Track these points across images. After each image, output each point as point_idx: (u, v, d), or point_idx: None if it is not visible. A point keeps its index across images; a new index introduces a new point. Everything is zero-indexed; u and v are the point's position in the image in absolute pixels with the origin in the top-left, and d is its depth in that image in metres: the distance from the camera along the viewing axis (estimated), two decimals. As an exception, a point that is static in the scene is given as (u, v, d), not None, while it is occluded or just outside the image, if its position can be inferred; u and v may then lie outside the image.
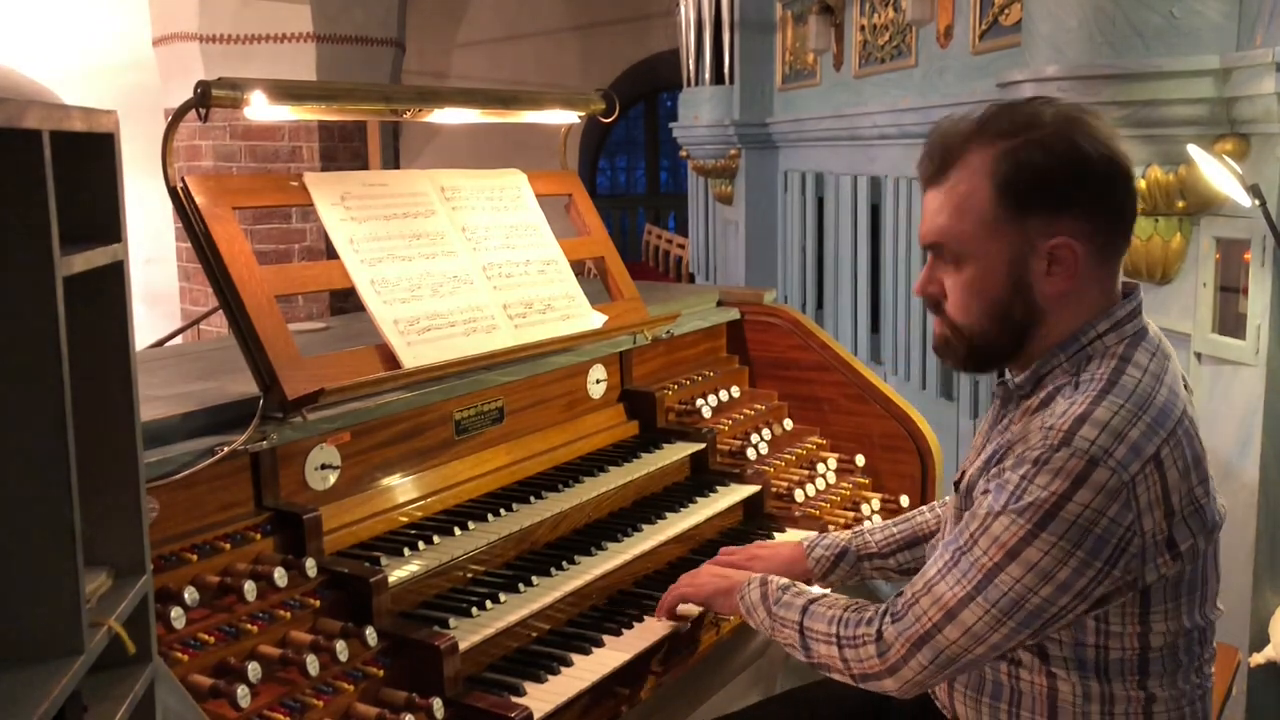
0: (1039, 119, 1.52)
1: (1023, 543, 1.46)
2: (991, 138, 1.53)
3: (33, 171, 0.99)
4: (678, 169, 15.30)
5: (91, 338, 1.17)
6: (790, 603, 1.77)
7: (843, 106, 5.98)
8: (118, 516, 1.22)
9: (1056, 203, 1.50)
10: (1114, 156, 1.52)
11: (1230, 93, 2.67)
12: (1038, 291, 1.54)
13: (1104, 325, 1.55)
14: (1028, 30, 3.15)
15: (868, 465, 2.89)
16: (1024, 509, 1.46)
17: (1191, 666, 1.59)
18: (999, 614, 1.49)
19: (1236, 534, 2.82)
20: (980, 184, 1.53)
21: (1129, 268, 3.09)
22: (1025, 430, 1.54)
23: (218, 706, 1.54)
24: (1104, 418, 1.45)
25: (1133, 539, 1.44)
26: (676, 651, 2.05)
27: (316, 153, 7.46)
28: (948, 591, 1.53)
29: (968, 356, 1.63)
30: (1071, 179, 1.50)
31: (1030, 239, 1.52)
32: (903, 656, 1.57)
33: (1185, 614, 1.54)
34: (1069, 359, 1.56)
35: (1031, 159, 1.50)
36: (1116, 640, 1.54)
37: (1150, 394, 1.49)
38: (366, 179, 2.27)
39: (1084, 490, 1.43)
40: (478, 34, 12.77)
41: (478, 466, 2.26)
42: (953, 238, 1.56)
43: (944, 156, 1.57)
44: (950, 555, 1.55)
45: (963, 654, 1.54)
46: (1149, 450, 1.44)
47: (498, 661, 1.90)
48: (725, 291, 3.13)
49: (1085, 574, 1.45)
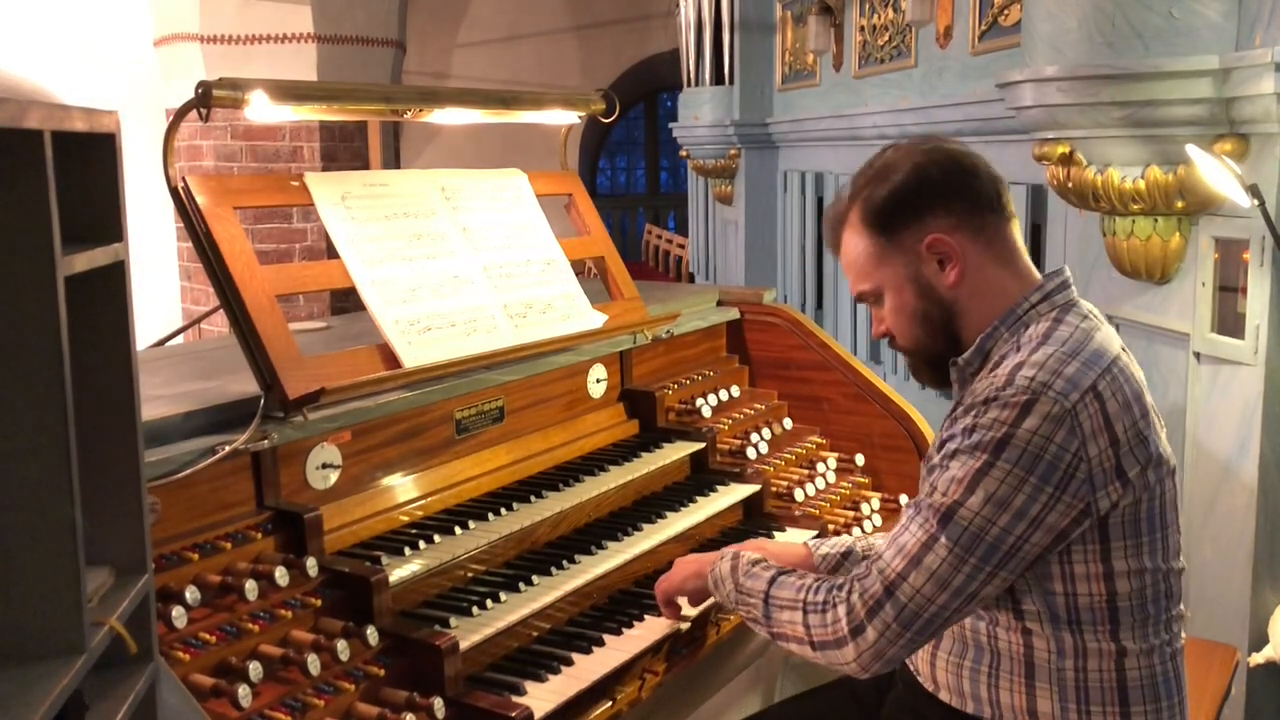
0: (884, 165, 1.76)
1: (979, 474, 1.56)
2: (852, 200, 1.78)
3: (34, 171, 0.99)
4: (678, 169, 15.30)
5: (93, 337, 1.18)
6: (759, 575, 1.80)
7: (842, 107, 5.98)
8: (119, 516, 1.22)
9: (914, 212, 1.72)
10: (946, 156, 1.73)
11: (1229, 93, 2.67)
12: (940, 288, 1.73)
13: (1036, 296, 1.71)
14: (1027, 31, 3.15)
15: (867, 464, 2.89)
16: (976, 445, 1.57)
17: (1160, 620, 1.65)
18: (961, 551, 1.55)
19: (1236, 534, 2.82)
20: (856, 235, 1.77)
21: (1128, 267, 3.09)
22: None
23: (219, 706, 1.54)
24: (1040, 360, 1.59)
25: (1080, 464, 1.54)
26: (677, 651, 2.05)
27: (317, 153, 7.47)
28: (910, 539, 1.59)
29: (930, 372, 1.82)
30: (916, 191, 1.72)
31: (911, 249, 1.72)
32: (865, 615, 1.59)
33: (1147, 554, 1.61)
34: (1008, 329, 1.71)
35: (878, 194, 1.74)
36: (1083, 584, 1.60)
37: (1083, 342, 1.63)
38: (367, 179, 2.27)
39: (1030, 418, 1.54)
40: (478, 34, 12.77)
41: (478, 466, 2.26)
42: (864, 282, 1.79)
43: (834, 230, 1.83)
44: (913, 509, 1.63)
45: (926, 604, 1.56)
46: (1085, 382, 1.57)
47: (498, 661, 1.90)
48: (725, 291, 3.13)
49: (1039, 499, 1.53)
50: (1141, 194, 2.92)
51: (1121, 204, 2.98)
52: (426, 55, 11.94)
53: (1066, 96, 2.90)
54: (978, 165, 1.74)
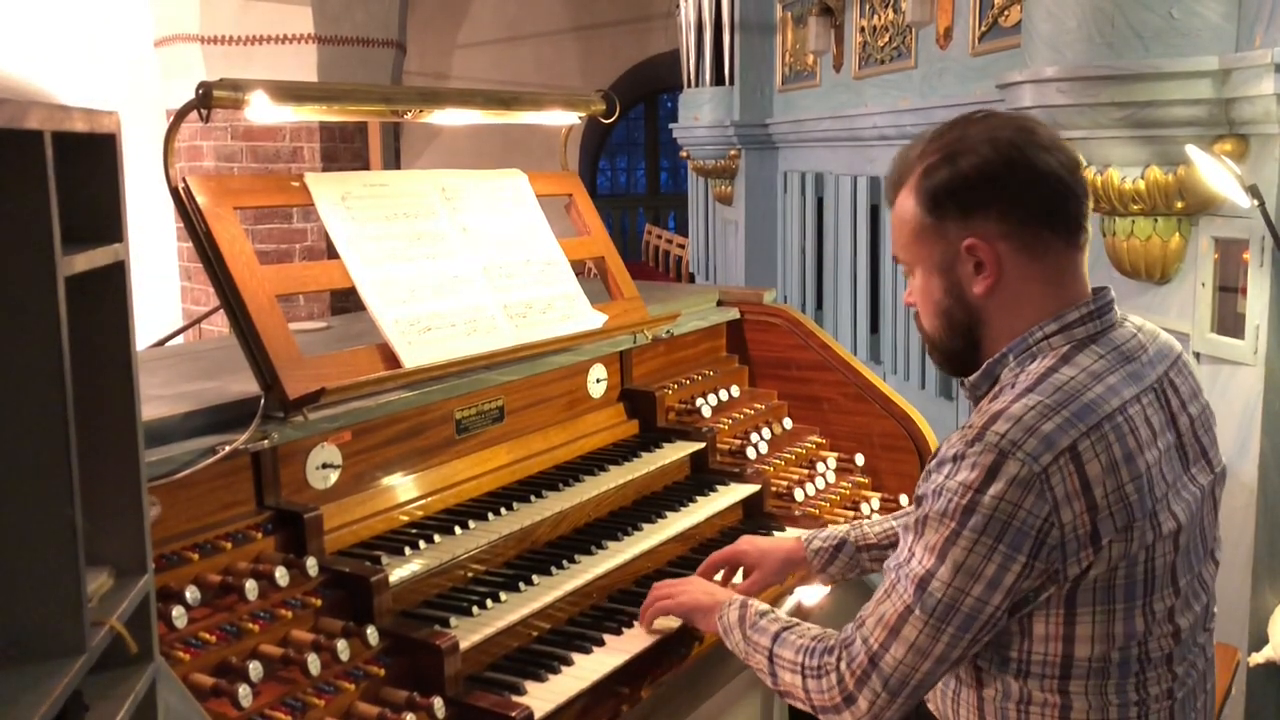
0: (965, 134, 1.61)
1: (948, 543, 1.48)
2: (923, 158, 1.64)
3: (34, 172, 1.00)
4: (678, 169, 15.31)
5: (93, 337, 1.18)
6: (765, 628, 1.77)
7: (842, 107, 5.98)
8: (119, 516, 1.22)
9: (965, 208, 1.59)
10: (1028, 158, 1.56)
11: (1229, 93, 2.67)
12: (969, 292, 1.62)
13: (1052, 327, 1.59)
14: (1027, 31, 3.15)
15: (867, 464, 2.90)
16: (943, 511, 1.49)
17: (1126, 682, 1.54)
18: (936, 622, 1.50)
19: (1235, 534, 2.82)
20: (909, 201, 1.65)
21: (1127, 267, 3.09)
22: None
23: (219, 705, 1.54)
24: (1018, 413, 1.48)
25: (1050, 530, 1.45)
26: (677, 651, 2.05)
27: (317, 153, 7.46)
28: (889, 609, 1.55)
29: (942, 360, 1.73)
30: (974, 185, 1.58)
31: (951, 243, 1.61)
32: (855, 685, 1.57)
33: (1120, 621, 1.51)
34: (1016, 358, 1.61)
35: (942, 170, 1.60)
36: (1040, 644, 1.53)
37: (1078, 391, 1.50)
38: (367, 179, 2.27)
39: (996, 483, 1.45)
40: (478, 35, 12.78)
41: (478, 466, 2.27)
42: (900, 250, 1.70)
43: (896, 181, 1.70)
44: (893, 575, 1.57)
45: (910, 673, 1.53)
46: (1063, 443, 1.45)
47: (499, 660, 1.90)
48: (725, 291, 3.13)
49: (1011, 569, 1.46)
50: (1141, 194, 2.92)
51: (1121, 204, 2.98)
52: (426, 56, 11.95)
53: (1066, 97, 2.90)
54: (1058, 176, 1.58)
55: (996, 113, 1.66)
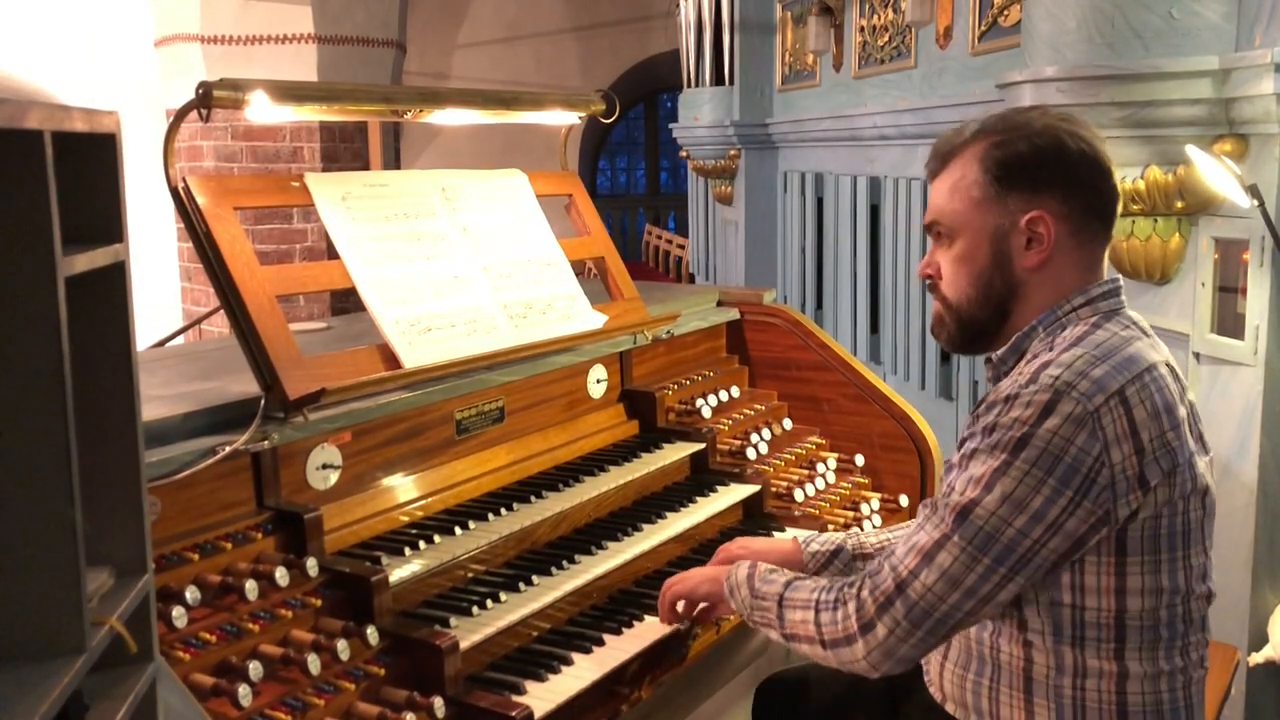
0: (1029, 122, 1.70)
1: (997, 474, 1.52)
2: (986, 135, 1.71)
3: (34, 172, 1.00)
4: (678, 169, 15.31)
5: (93, 338, 1.18)
6: (774, 580, 1.79)
7: (842, 107, 5.98)
8: (119, 516, 1.22)
9: (1034, 183, 1.66)
10: (1094, 153, 1.67)
11: (1229, 93, 2.67)
12: (1016, 265, 1.68)
13: (1079, 300, 1.67)
14: (1027, 31, 3.15)
15: (867, 465, 2.90)
16: (996, 444, 1.54)
17: (1174, 645, 1.59)
18: (975, 550, 1.53)
19: (1235, 534, 2.82)
20: (971, 169, 1.70)
21: (1127, 267, 3.09)
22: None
23: (219, 705, 1.54)
24: (1068, 360, 1.56)
25: (1101, 469, 1.50)
26: (677, 650, 2.05)
27: (318, 153, 7.46)
28: (924, 537, 1.57)
29: (956, 333, 1.76)
30: (1049, 164, 1.66)
31: (1011, 214, 1.67)
32: (876, 611, 1.57)
33: (1166, 573, 1.56)
34: (1045, 329, 1.68)
35: (1016, 147, 1.67)
36: (1093, 598, 1.56)
37: (1117, 347, 1.59)
38: (367, 179, 2.27)
39: (1051, 418, 1.51)
40: (478, 35, 12.77)
41: (478, 466, 2.27)
42: (946, 215, 1.73)
43: (946, 154, 1.74)
44: (929, 509, 1.60)
45: (937, 603, 1.54)
46: (1113, 386, 1.53)
47: (499, 660, 1.90)
48: (725, 292, 3.13)
49: (1057, 502, 1.50)
50: (1141, 194, 2.92)
51: (1121, 204, 2.98)
52: (427, 56, 11.95)
53: (1066, 97, 2.90)
54: (1112, 176, 1.70)
55: (1050, 109, 1.76)
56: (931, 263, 1.76)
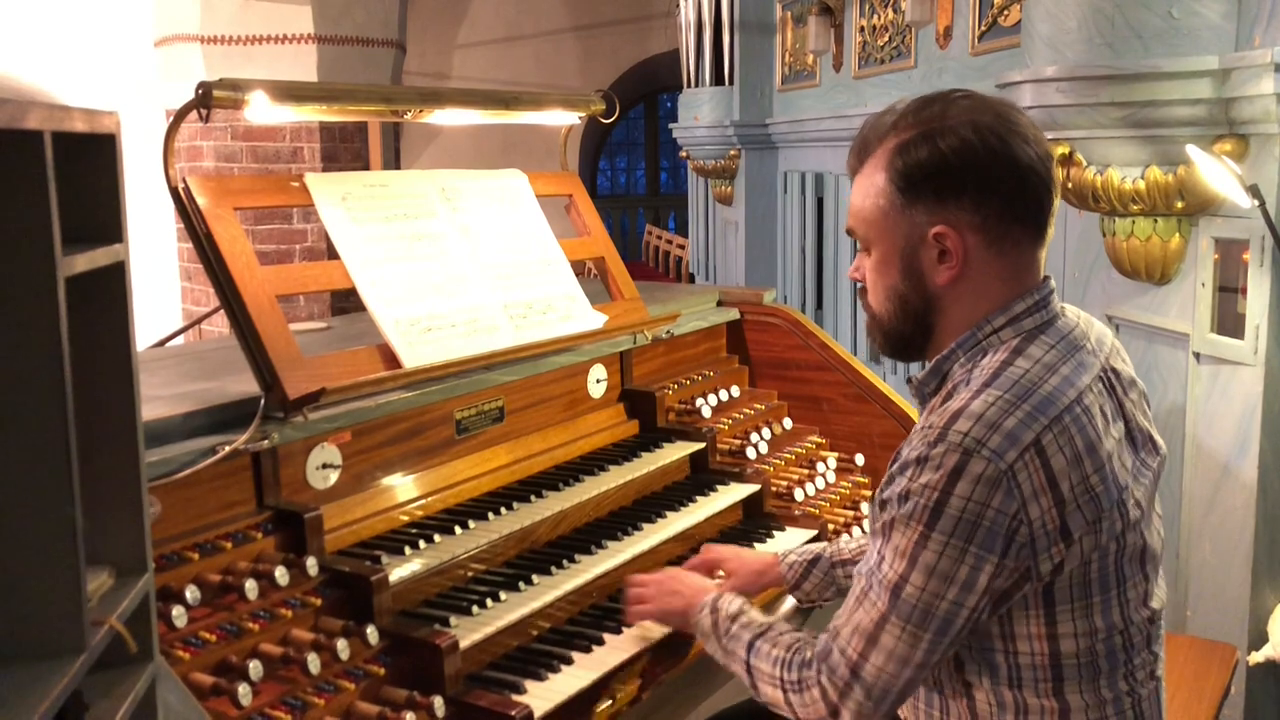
0: (945, 113, 1.54)
1: (918, 546, 1.45)
2: (898, 130, 1.57)
3: (34, 172, 1.00)
4: (678, 170, 15.31)
5: (93, 338, 1.18)
6: (738, 635, 1.74)
7: (842, 107, 5.98)
8: (119, 515, 1.22)
9: (939, 192, 1.52)
10: (1009, 150, 1.51)
11: (1229, 93, 2.67)
12: (929, 280, 1.56)
13: (1000, 320, 1.55)
14: (1027, 31, 3.15)
15: (867, 464, 2.90)
16: (910, 514, 1.46)
17: (1116, 673, 1.54)
18: (914, 628, 1.47)
19: (1235, 533, 2.83)
20: (879, 174, 1.57)
21: (1127, 268, 3.09)
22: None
23: (219, 705, 1.55)
24: (979, 410, 1.45)
25: (1020, 527, 1.42)
26: (677, 650, 2.05)
27: (317, 153, 7.47)
28: (864, 618, 1.52)
29: (884, 342, 1.67)
30: (954, 170, 1.51)
31: (918, 227, 1.54)
32: (838, 699, 1.54)
33: (1099, 614, 1.50)
34: (965, 354, 1.57)
35: (920, 150, 1.52)
36: (1024, 644, 1.51)
37: (1035, 384, 1.48)
38: (367, 179, 2.27)
39: (963, 483, 1.42)
40: (478, 35, 12.77)
41: (478, 466, 2.27)
42: (859, 223, 1.62)
43: (863, 149, 1.62)
44: (864, 581, 1.54)
45: (893, 681, 1.50)
46: (1026, 438, 1.42)
47: (499, 660, 1.90)
48: (725, 292, 3.13)
49: (984, 569, 1.43)
50: (1141, 194, 2.92)
51: (1121, 204, 2.98)
52: (427, 56, 11.95)
53: (1066, 97, 2.90)
54: (1036, 171, 1.52)
55: (977, 94, 1.59)
56: (859, 267, 1.66)
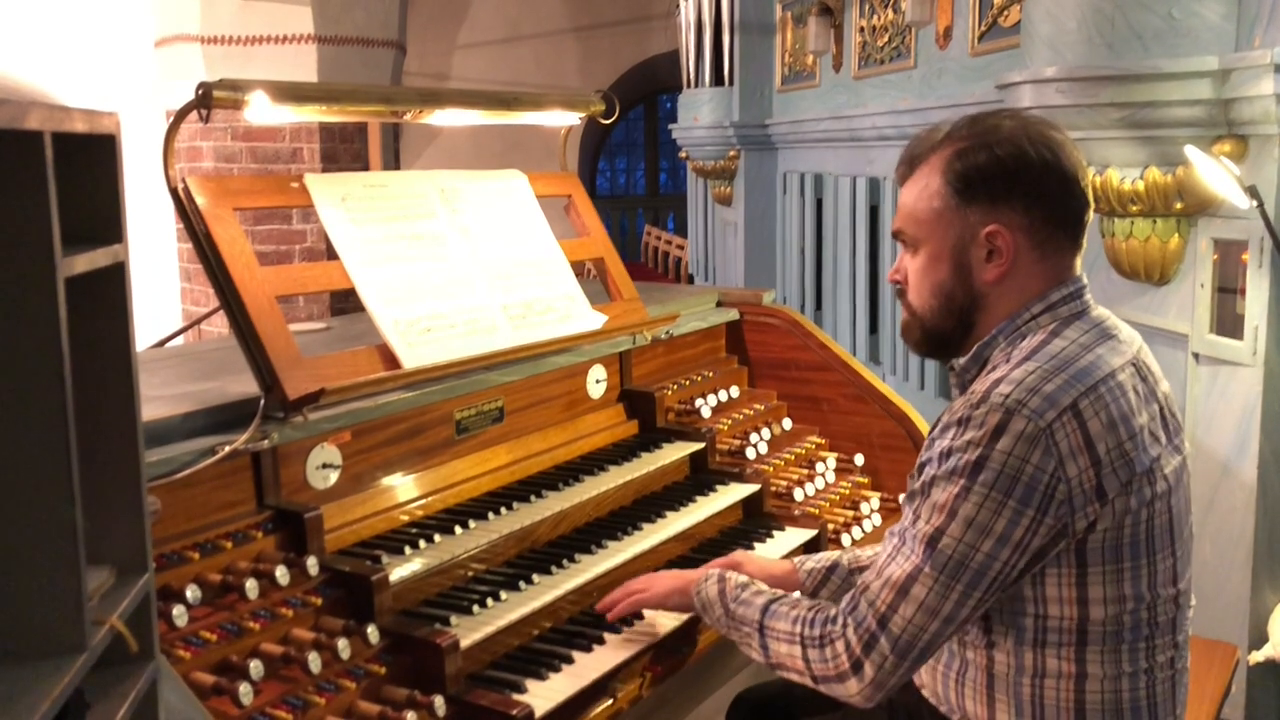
0: (997, 127, 1.67)
1: (958, 499, 1.53)
2: (952, 142, 1.69)
3: (34, 172, 1.00)
4: (677, 170, 15.31)
5: (93, 338, 1.18)
6: (750, 600, 1.78)
7: (842, 108, 5.99)
8: (120, 515, 1.22)
9: (994, 195, 1.64)
10: (1059, 163, 1.64)
11: (1228, 94, 2.67)
12: (977, 277, 1.67)
13: (1039, 307, 1.66)
14: (1027, 32, 3.16)
15: (867, 464, 2.90)
16: (953, 469, 1.54)
17: (1138, 646, 1.59)
18: (947, 579, 1.53)
19: (1236, 533, 2.83)
20: (935, 178, 1.69)
21: (1127, 268, 3.09)
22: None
23: (220, 704, 1.55)
24: (1019, 377, 1.55)
25: (1058, 485, 1.50)
26: (678, 649, 2.05)
27: (317, 154, 7.46)
28: (896, 570, 1.58)
29: (922, 339, 1.76)
30: (1009, 176, 1.63)
31: (971, 227, 1.66)
32: (862, 650, 1.58)
33: (1129, 581, 1.56)
34: (1006, 338, 1.67)
35: (979, 156, 1.65)
36: (1054, 606, 1.57)
37: (1073, 358, 1.58)
38: (367, 180, 2.27)
39: (1004, 439, 1.51)
40: (478, 36, 12.77)
41: (478, 465, 2.27)
42: (910, 224, 1.72)
43: (913, 159, 1.73)
44: (897, 538, 1.61)
45: (919, 634, 1.55)
46: (1065, 401, 1.52)
47: (499, 659, 1.90)
48: (724, 292, 3.14)
49: (1020, 523, 1.51)
50: (1140, 195, 2.93)
51: (1120, 205, 2.98)
52: (427, 56, 11.95)
53: (1066, 98, 2.90)
54: (1080, 183, 1.66)
55: (1022, 114, 1.73)
56: (900, 269, 1.76)
